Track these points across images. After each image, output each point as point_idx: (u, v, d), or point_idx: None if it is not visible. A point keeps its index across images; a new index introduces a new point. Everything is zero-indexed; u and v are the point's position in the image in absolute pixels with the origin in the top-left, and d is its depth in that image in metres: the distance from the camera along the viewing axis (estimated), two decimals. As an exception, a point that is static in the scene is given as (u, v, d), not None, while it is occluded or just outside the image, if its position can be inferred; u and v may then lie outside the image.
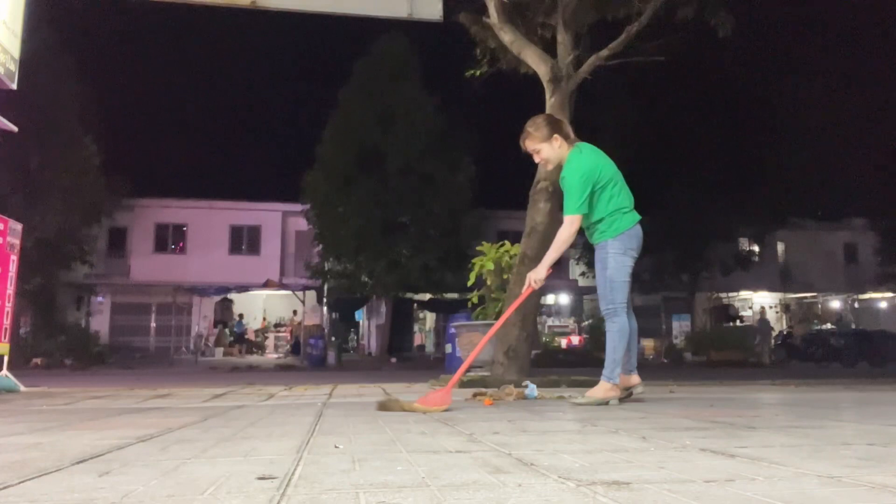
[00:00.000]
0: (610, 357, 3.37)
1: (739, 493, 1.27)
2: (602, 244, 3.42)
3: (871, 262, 27.15)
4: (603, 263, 3.41)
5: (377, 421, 2.67)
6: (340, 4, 6.08)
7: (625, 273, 3.38)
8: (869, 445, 1.89)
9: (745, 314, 28.80)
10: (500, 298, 6.17)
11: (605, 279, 3.40)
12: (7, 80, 5.38)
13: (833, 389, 4.93)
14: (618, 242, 3.37)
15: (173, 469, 1.58)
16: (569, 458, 1.69)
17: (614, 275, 3.37)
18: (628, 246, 3.39)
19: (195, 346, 23.05)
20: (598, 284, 3.46)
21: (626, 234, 3.38)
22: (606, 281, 3.39)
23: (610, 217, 3.39)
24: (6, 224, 5.61)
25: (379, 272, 21.11)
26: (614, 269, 3.37)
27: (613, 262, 3.37)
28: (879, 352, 18.73)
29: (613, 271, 3.37)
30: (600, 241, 3.43)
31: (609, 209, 3.38)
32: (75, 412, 3.35)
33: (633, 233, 3.41)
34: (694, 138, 21.69)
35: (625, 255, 3.38)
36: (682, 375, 9.84)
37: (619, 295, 3.36)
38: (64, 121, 18.46)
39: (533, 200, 5.84)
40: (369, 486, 1.35)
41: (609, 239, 3.39)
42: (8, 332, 5.72)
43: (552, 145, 3.51)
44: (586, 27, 6.50)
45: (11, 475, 1.50)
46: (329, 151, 21.59)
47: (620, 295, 3.37)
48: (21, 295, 11.80)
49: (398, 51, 22.03)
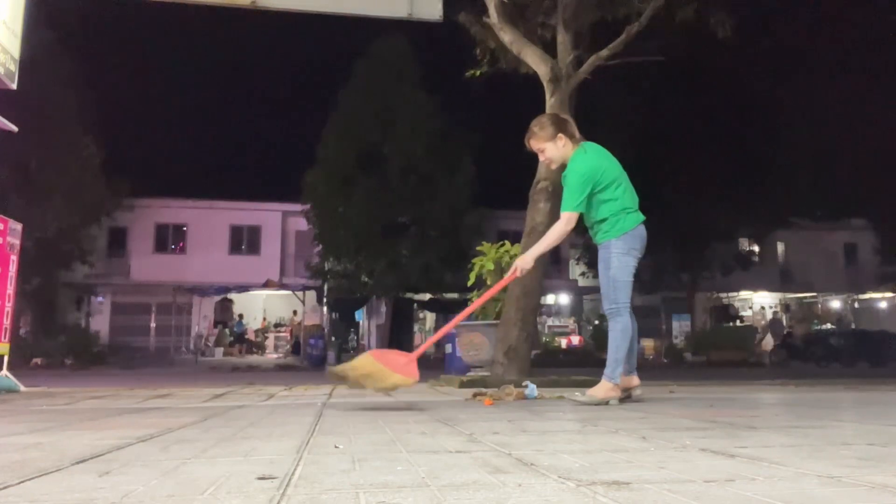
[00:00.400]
0: (612, 356, 3.37)
1: (739, 493, 1.27)
2: (605, 244, 3.43)
3: (871, 262, 27.17)
4: (606, 263, 3.42)
5: (377, 421, 2.67)
6: (340, 4, 6.08)
7: (628, 273, 3.39)
8: (869, 445, 1.89)
9: (745, 314, 28.82)
10: (500, 298, 6.16)
11: (608, 279, 3.41)
12: (7, 80, 5.38)
13: (833, 389, 4.93)
14: (621, 242, 3.38)
15: (173, 469, 1.58)
16: (569, 458, 1.69)
17: (617, 274, 3.37)
18: (631, 246, 3.39)
19: (195, 346, 23.06)
20: (601, 284, 3.47)
21: (629, 234, 3.38)
22: (609, 280, 3.40)
23: (614, 217, 3.39)
24: (6, 224, 5.61)
25: (379, 272, 21.11)
26: (617, 268, 3.37)
27: (616, 261, 3.37)
28: (879, 352, 18.74)
29: (616, 271, 3.37)
30: (604, 241, 3.44)
31: (613, 209, 3.39)
32: (75, 412, 3.35)
33: (637, 233, 3.41)
34: (694, 138, 21.69)
35: (628, 254, 3.38)
36: (682, 375, 9.85)
37: (622, 295, 3.37)
38: (64, 121, 18.47)
39: (533, 200, 5.84)
40: (369, 486, 1.35)
41: (612, 238, 3.39)
42: (8, 332, 5.72)
43: (556, 144, 3.52)
44: (586, 27, 6.50)
45: (11, 475, 1.50)
46: (329, 151, 21.60)
47: (623, 295, 3.37)
48: (21, 295, 11.80)
49: (398, 51, 22.04)
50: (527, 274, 3.61)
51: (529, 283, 5.55)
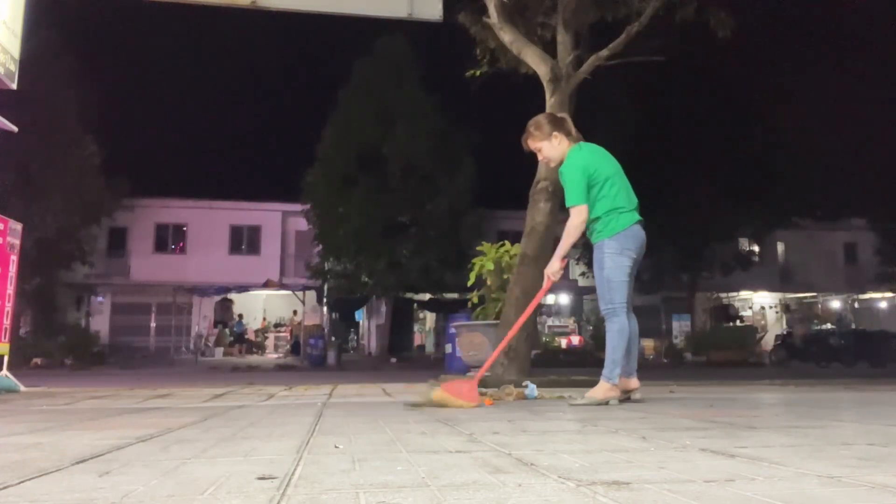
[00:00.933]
0: (610, 357, 3.37)
1: (739, 493, 1.27)
2: (599, 244, 3.43)
3: (871, 262, 27.15)
4: (600, 263, 3.41)
5: (377, 421, 2.67)
6: (340, 4, 6.08)
7: (622, 273, 3.37)
8: (869, 445, 1.89)
9: (745, 314, 28.81)
10: (500, 298, 6.17)
11: (602, 279, 3.40)
12: (7, 80, 5.38)
13: (833, 389, 4.93)
14: (614, 242, 3.37)
15: (173, 469, 1.58)
16: (569, 458, 1.69)
17: (611, 274, 3.37)
18: (625, 246, 3.37)
19: (195, 346, 23.05)
20: (596, 285, 3.46)
21: (622, 234, 3.37)
22: (604, 281, 3.39)
23: (606, 216, 3.38)
24: (6, 224, 5.61)
25: (379, 272, 21.11)
26: (611, 268, 3.36)
27: (610, 261, 3.37)
28: (879, 352, 18.73)
29: (610, 271, 3.37)
30: (597, 241, 3.44)
31: (604, 208, 3.38)
32: (75, 412, 3.35)
33: (631, 233, 3.39)
34: (694, 138, 21.69)
35: (621, 254, 3.37)
36: (682, 375, 9.84)
37: (618, 295, 3.36)
38: (64, 121, 18.47)
39: (533, 200, 5.84)
40: (369, 486, 1.35)
41: (605, 239, 3.39)
42: (8, 332, 5.72)
43: (552, 143, 3.54)
44: (586, 27, 6.50)
45: (11, 475, 1.50)
46: (329, 151, 21.60)
47: (619, 295, 3.36)
48: (21, 295, 11.80)
49: (398, 51, 22.04)
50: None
51: (529, 284, 5.55)
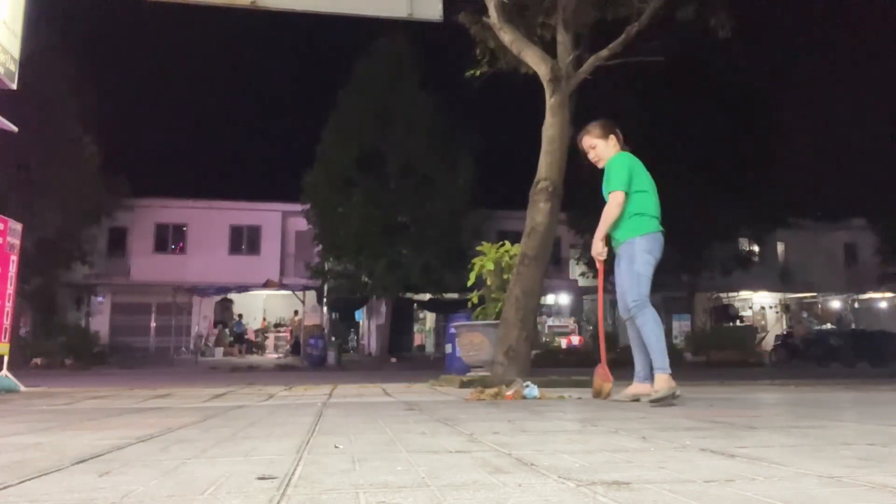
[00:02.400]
0: (655, 348, 3.46)
1: (739, 493, 1.27)
2: (630, 241, 3.60)
3: (871, 262, 27.13)
4: (630, 258, 3.57)
5: (377, 421, 2.67)
6: (340, 4, 6.08)
7: (650, 269, 3.57)
8: (869, 445, 1.89)
9: (745, 314, 28.79)
10: (500, 298, 6.16)
11: (632, 273, 3.55)
12: (7, 80, 5.38)
13: (833, 389, 4.93)
14: (645, 241, 3.57)
15: (173, 469, 1.58)
16: (569, 458, 1.69)
17: (641, 269, 3.54)
18: (653, 247, 3.59)
19: (195, 346, 23.04)
20: (622, 280, 3.60)
21: (651, 236, 3.59)
22: (634, 275, 3.54)
23: (637, 216, 3.59)
24: (6, 224, 5.61)
25: (379, 272, 21.10)
26: (642, 263, 3.55)
27: (641, 258, 3.55)
28: (879, 352, 18.72)
29: (641, 266, 3.55)
30: (627, 239, 3.60)
31: (636, 209, 3.60)
32: (75, 412, 3.35)
33: (657, 237, 3.62)
34: (694, 138, 21.68)
35: (650, 253, 3.57)
36: (682, 375, 9.82)
37: (645, 288, 3.53)
38: (64, 121, 18.46)
39: (533, 200, 5.84)
40: (369, 486, 1.35)
41: (637, 237, 3.59)
42: (8, 332, 5.72)
43: (607, 143, 3.82)
44: (586, 27, 6.49)
45: (11, 475, 1.50)
46: (329, 151, 21.59)
47: (647, 289, 3.53)
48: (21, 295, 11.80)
49: (398, 51, 22.02)
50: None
51: (529, 284, 5.55)
